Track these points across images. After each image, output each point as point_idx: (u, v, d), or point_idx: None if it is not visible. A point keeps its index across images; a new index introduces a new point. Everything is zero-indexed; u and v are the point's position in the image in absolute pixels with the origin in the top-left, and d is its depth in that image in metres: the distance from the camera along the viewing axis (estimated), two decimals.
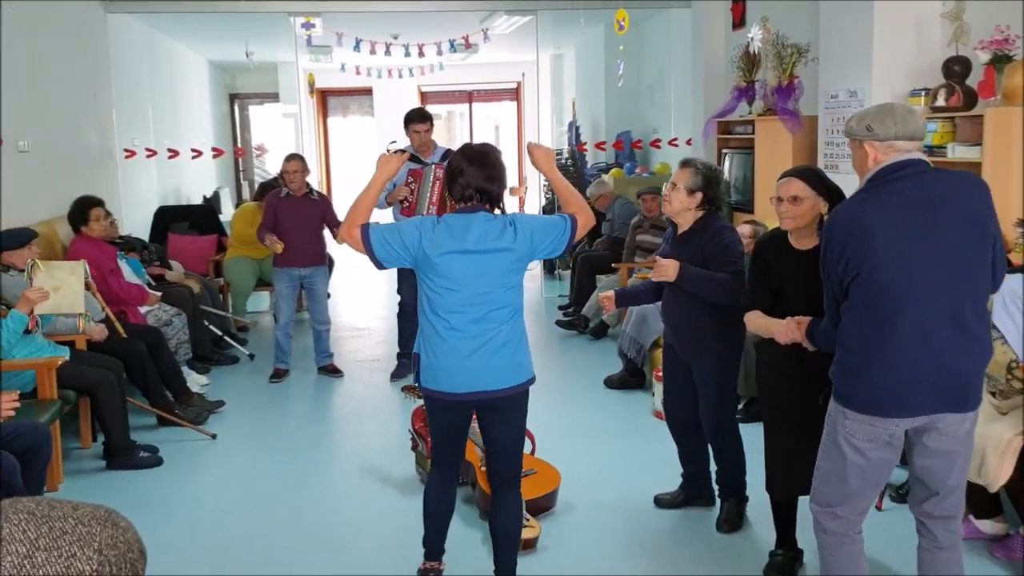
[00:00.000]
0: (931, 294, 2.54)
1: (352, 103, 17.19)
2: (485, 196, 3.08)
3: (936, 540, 2.82)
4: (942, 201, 2.58)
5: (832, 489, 2.76)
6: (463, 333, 3.04)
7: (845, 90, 5.79)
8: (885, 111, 2.68)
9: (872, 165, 2.66)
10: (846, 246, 2.59)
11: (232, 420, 5.50)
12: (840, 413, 2.69)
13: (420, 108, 6.16)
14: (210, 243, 8.29)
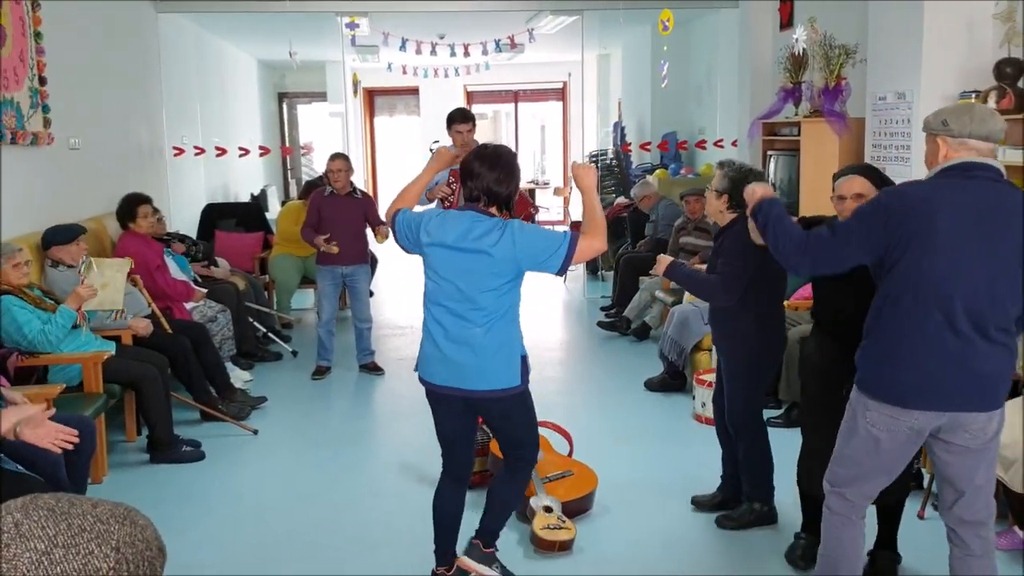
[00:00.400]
0: (964, 298, 2.55)
1: (399, 102, 17.29)
2: (492, 198, 3.09)
3: (968, 548, 2.79)
4: (1006, 213, 2.58)
5: (845, 471, 2.82)
6: (442, 326, 3.10)
7: (893, 92, 5.69)
8: (964, 108, 2.66)
9: (942, 160, 2.65)
10: (906, 220, 2.57)
11: (274, 416, 5.57)
12: (862, 402, 2.72)
13: (463, 108, 6.17)
14: (256, 240, 8.40)
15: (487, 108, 18.32)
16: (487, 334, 3.04)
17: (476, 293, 3.02)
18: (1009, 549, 3.65)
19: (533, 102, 17.83)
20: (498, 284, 3.02)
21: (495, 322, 3.05)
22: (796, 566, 3.57)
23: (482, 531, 3.46)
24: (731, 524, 3.94)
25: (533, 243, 2.99)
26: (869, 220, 2.65)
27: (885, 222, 2.61)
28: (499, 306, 3.05)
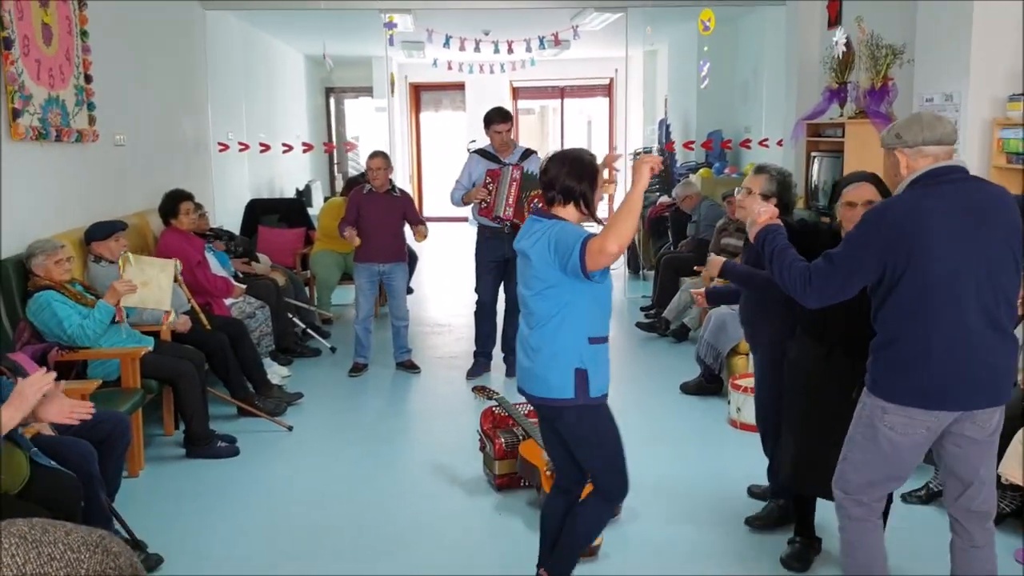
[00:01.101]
0: (972, 294, 2.64)
1: (444, 97, 17.33)
2: (569, 194, 3.00)
3: (972, 538, 2.87)
4: (985, 208, 2.70)
5: (859, 477, 2.86)
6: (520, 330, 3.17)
7: (941, 93, 5.56)
8: (913, 119, 2.78)
9: (905, 172, 2.75)
10: (901, 240, 2.64)
11: (309, 412, 5.62)
12: (878, 407, 2.75)
13: (500, 108, 6.17)
14: (298, 236, 8.48)
15: (534, 104, 18.29)
16: (539, 340, 3.00)
17: (528, 295, 3.04)
18: None
19: (580, 98, 17.75)
20: (544, 288, 2.96)
21: (541, 326, 2.99)
22: (792, 568, 3.61)
23: (551, 566, 3.26)
24: (759, 524, 3.97)
25: (563, 244, 2.88)
26: (863, 245, 2.70)
27: (880, 243, 2.66)
28: (545, 309, 2.97)
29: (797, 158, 7.42)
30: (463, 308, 8.56)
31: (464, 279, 9.61)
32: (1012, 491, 3.83)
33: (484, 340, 6.40)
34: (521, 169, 5.94)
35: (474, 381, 6.19)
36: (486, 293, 6.29)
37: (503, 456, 4.34)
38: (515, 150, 6.17)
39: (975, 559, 2.87)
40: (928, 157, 2.70)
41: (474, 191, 6.01)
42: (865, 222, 2.73)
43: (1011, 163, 5.01)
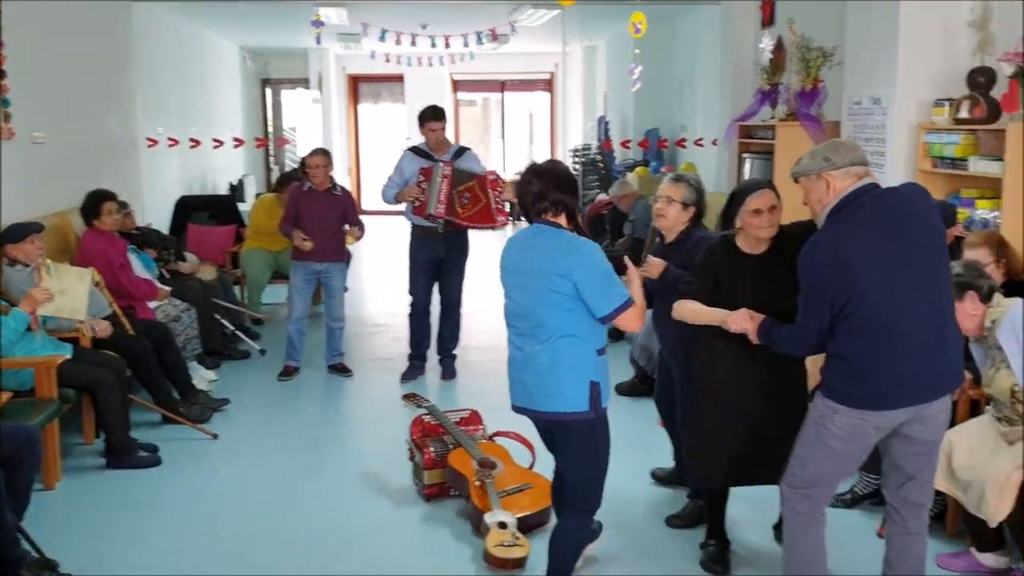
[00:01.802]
0: (913, 302, 2.81)
1: (383, 89, 17.15)
2: (562, 206, 3.06)
3: (907, 526, 3.05)
4: (903, 217, 2.86)
5: (808, 474, 2.99)
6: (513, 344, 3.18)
7: (869, 96, 5.62)
8: (835, 144, 2.98)
9: (832, 196, 2.88)
10: (832, 280, 2.81)
11: (236, 419, 5.50)
12: (830, 409, 2.90)
13: (434, 106, 6.08)
14: (228, 234, 8.31)
15: (476, 96, 18.19)
16: (554, 353, 3.01)
17: (537, 310, 3.02)
18: (965, 571, 3.62)
19: (521, 92, 17.70)
20: (560, 301, 2.98)
21: (559, 340, 3.00)
22: (713, 571, 3.64)
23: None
24: (681, 523, 4.04)
25: (595, 288, 2.98)
26: (809, 295, 2.88)
27: (819, 287, 2.84)
28: (565, 324, 2.99)
29: (730, 159, 7.47)
30: (400, 307, 8.45)
31: (402, 276, 9.50)
32: (935, 495, 3.88)
33: (419, 343, 6.32)
34: (452, 165, 5.86)
35: (409, 385, 6.13)
36: (420, 294, 6.21)
37: (432, 466, 4.28)
38: (450, 148, 6.09)
39: (908, 545, 3.06)
40: (853, 176, 2.87)
41: (407, 190, 5.92)
42: (801, 273, 2.90)
43: (936, 167, 5.08)
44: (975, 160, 4.75)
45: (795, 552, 3.08)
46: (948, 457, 3.54)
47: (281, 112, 16.36)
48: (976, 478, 3.39)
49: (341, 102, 16.18)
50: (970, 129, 4.83)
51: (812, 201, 2.96)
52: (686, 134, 9.63)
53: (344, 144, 16.24)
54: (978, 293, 3.47)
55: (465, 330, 6.64)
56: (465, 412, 4.66)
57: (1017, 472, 3.30)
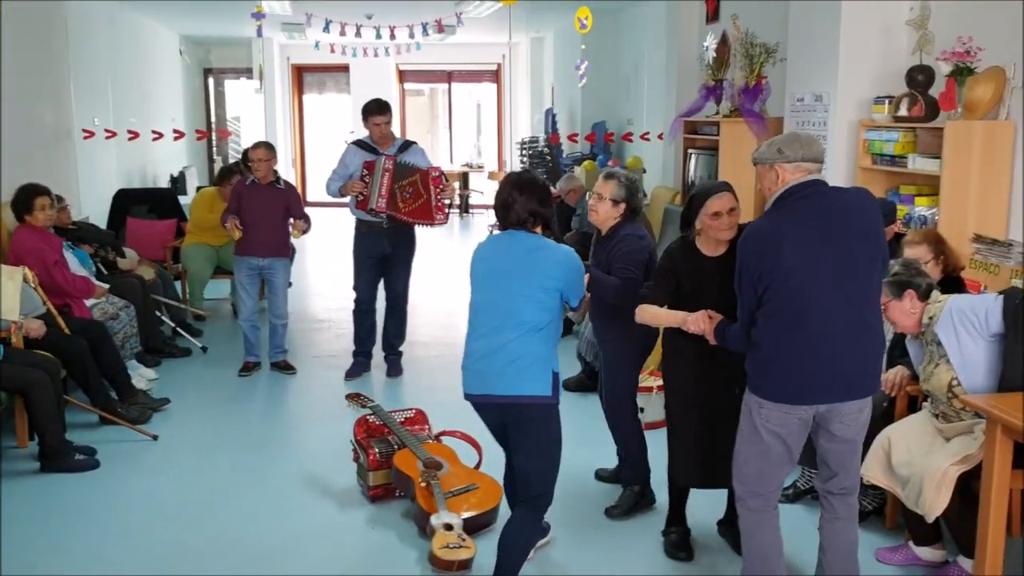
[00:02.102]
0: (835, 296, 2.90)
1: (328, 79, 16.95)
2: (540, 218, 3.28)
3: (836, 512, 3.20)
4: (842, 216, 2.95)
5: (750, 468, 3.11)
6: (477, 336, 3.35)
7: (811, 93, 5.67)
8: (792, 137, 3.05)
9: (780, 186, 2.99)
10: (761, 259, 2.92)
11: (177, 419, 5.39)
12: (756, 403, 3.03)
13: (379, 100, 6.01)
14: (168, 228, 8.13)
15: (423, 86, 18.06)
16: (526, 345, 3.19)
17: (520, 304, 3.20)
18: (904, 564, 3.68)
19: (468, 83, 17.63)
20: (542, 297, 3.21)
21: (535, 333, 3.19)
22: (679, 558, 3.75)
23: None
24: (617, 512, 4.12)
25: (575, 284, 3.30)
26: (746, 277, 2.98)
27: (749, 269, 2.95)
28: (543, 318, 3.20)
29: (676, 154, 7.51)
30: (345, 302, 8.36)
31: (347, 271, 9.40)
32: (874, 490, 3.95)
33: (363, 340, 6.25)
34: (394, 159, 5.80)
35: (353, 382, 6.06)
36: (365, 291, 6.14)
37: (377, 467, 4.23)
38: (395, 142, 6.02)
39: (839, 530, 3.21)
40: (802, 171, 2.98)
41: (350, 184, 5.84)
42: (738, 258, 3.01)
43: (876, 164, 5.15)
44: (914, 157, 4.83)
45: (753, 547, 3.17)
46: (887, 453, 3.59)
47: (224, 102, 16.09)
48: (914, 474, 3.44)
49: (285, 92, 15.96)
50: (909, 127, 4.90)
51: (763, 188, 3.08)
52: (632, 128, 9.65)
53: (288, 135, 16.02)
54: (916, 291, 3.53)
55: (411, 326, 6.58)
56: (410, 412, 4.62)
57: (953, 468, 3.35)
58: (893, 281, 3.50)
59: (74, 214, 6.92)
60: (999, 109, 4.55)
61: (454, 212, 15.27)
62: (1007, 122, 4.54)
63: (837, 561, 3.22)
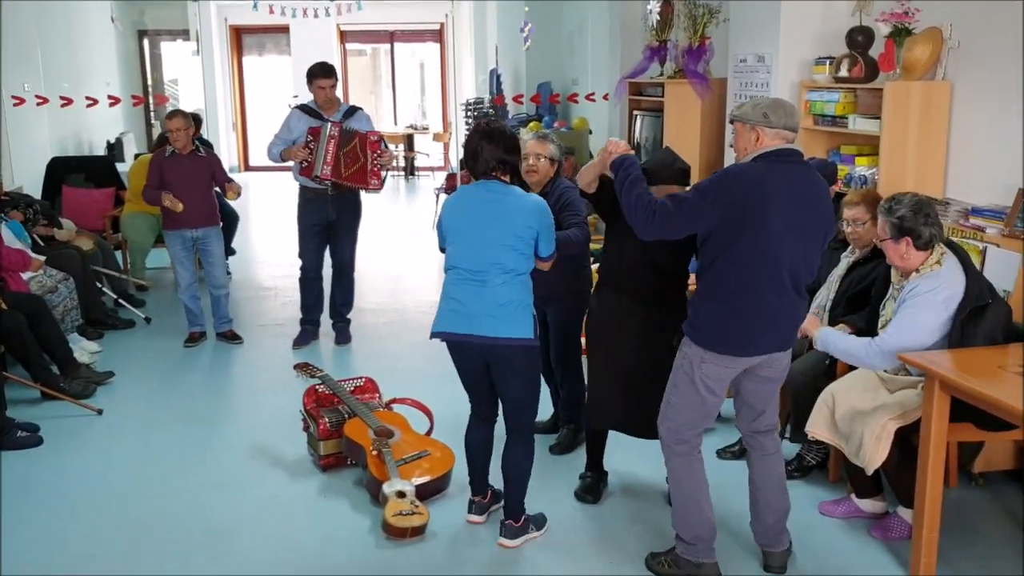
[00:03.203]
0: (791, 259, 3.05)
1: (268, 41, 16.59)
2: (508, 166, 3.43)
3: (764, 448, 3.39)
4: (810, 193, 3.10)
5: (680, 417, 3.26)
6: (458, 282, 3.51)
7: (754, 54, 5.71)
8: (777, 104, 3.13)
9: (758, 147, 3.08)
10: (750, 195, 2.97)
11: (122, 392, 5.31)
12: (698, 355, 3.15)
13: (323, 63, 5.90)
14: (107, 197, 7.94)
15: (365, 46, 17.77)
16: (511, 291, 3.40)
17: (502, 255, 3.37)
18: (846, 516, 3.79)
19: (411, 43, 17.39)
20: (522, 247, 3.40)
21: (516, 279, 3.40)
22: (585, 501, 3.95)
23: (508, 510, 3.63)
24: (559, 449, 4.43)
25: (549, 230, 3.51)
26: (712, 197, 3.01)
27: (726, 200, 2.99)
28: (523, 266, 3.42)
29: (621, 116, 7.51)
30: (290, 269, 8.27)
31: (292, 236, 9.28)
32: (817, 445, 4.05)
33: (310, 308, 6.20)
34: (340, 126, 5.71)
35: (301, 351, 6.02)
36: (311, 259, 6.07)
37: (328, 436, 4.22)
38: (340, 107, 5.93)
39: (769, 464, 3.39)
40: (780, 138, 3.08)
41: (294, 150, 5.74)
42: (719, 177, 3.06)
43: (818, 125, 5.21)
44: (854, 118, 4.90)
45: (680, 488, 3.32)
46: (830, 409, 3.67)
47: (161, 66, 15.67)
48: (856, 428, 3.53)
49: (224, 55, 15.60)
50: (849, 87, 4.96)
51: (739, 146, 3.18)
52: (578, 89, 9.62)
53: (228, 98, 15.69)
54: (914, 240, 3.44)
55: (359, 293, 6.54)
56: (360, 380, 4.61)
57: (892, 422, 3.44)
58: (896, 223, 3.44)
59: (6, 184, 6.72)
60: (936, 69, 4.62)
61: (399, 175, 15.15)
62: (944, 82, 4.62)
63: (772, 494, 3.39)
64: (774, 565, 3.42)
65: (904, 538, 3.52)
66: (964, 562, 3.44)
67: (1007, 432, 3.38)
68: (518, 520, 3.61)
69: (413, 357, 5.94)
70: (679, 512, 3.33)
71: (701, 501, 3.31)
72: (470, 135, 3.49)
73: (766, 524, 3.41)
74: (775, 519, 3.40)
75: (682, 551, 3.34)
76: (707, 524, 3.30)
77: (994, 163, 4.42)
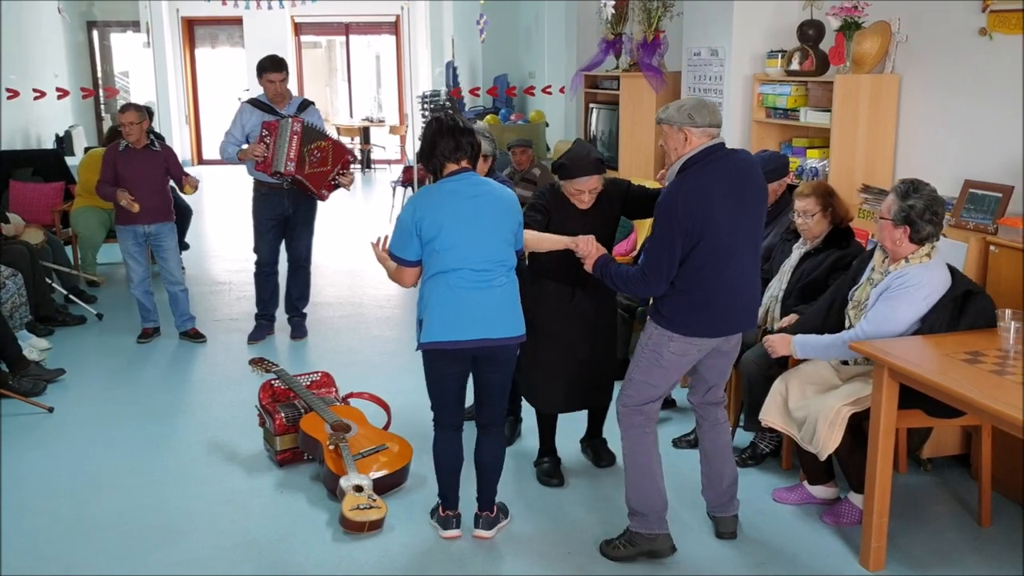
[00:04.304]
0: (744, 244, 3.26)
1: (221, 33, 16.39)
2: (468, 148, 3.33)
3: (716, 419, 3.59)
4: (743, 176, 3.27)
5: (641, 394, 3.42)
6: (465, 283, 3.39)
7: (707, 48, 5.76)
8: (700, 104, 3.28)
9: (688, 148, 3.23)
10: (694, 219, 3.15)
11: (73, 390, 5.23)
12: (665, 337, 3.31)
13: (274, 56, 5.84)
14: (56, 191, 7.79)
15: (320, 39, 17.62)
16: (510, 286, 3.39)
17: (502, 250, 3.34)
18: (799, 503, 3.85)
19: (367, 35, 17.27)
20: (512, 240, 3.38)
21: (509, 273, 3.38)
22: (552, 484, 4.03)
23: (483, 501, 3.64)
24: None
25: None
26: (670, 233, 3.19)
27: (680, 228, 3.16)
28: (512, 258, 3.38)
29: (578, 109, 7.54)
30: (245, 263, 8.20)
31: (246, 229, 9.19)
32: (771, 433, 4.11)
33: (266, 303, 6.14)
34: (302, 122, 5.66)
35: (256, 346, 5.97)
36: (266, 253, 6.01)
37: (284, 431, 4.19)
38: (292, 101, 5.87)
39: (719, 433, 3.59)
40: (707, 136, 3.24)
41: (251, 147, 5.67)
42: (662, 214, 3.22)
43: (770, 118, 5.27)
44: (805, 111, 4.96)
45: (635, 460, 3.46)
46: (783, 398, 3.73)
47: (111, 58, 15.40)
48: (809, 415, 3.58)
49: (176, 47, 15.37)
50: (801, 81, 5.02)
51: (669, 147, 3.31)
52: (534, 81, 9.64)
53: (181, 92, 15.48)
54: (912, 233, 3.44)
55: (315, 287, 6.50)
56: (316, 374, 4.58)
57: (845, 408, 3.50)
58: (904, 210, 3.41)
59: None
60: (885, 63, 4.71)
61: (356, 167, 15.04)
62: (892, 75, 4.70)
63: (720, 459, 3.59)
64: (725, 531, 3.60)
65: (855, 523, 3.59)
66: (913, 546, 3.52)
67: (956, 419, 3.45)
68: (493, 511, 3.65)
69: (370, 351, 5.93)
70: (633, 483, 3.45)
71: (655, 472, 3.45)
72: (423, 134, 3.41)
73: (719, 490, 3.59)
74: (727, 484, 3.59)
75: (636, 526, 3.45)
76: (659, 495, 3.44)
77: (941, 154, 4.52)
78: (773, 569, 3.40)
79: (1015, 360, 3.12)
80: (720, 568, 3.41)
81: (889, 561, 3.38)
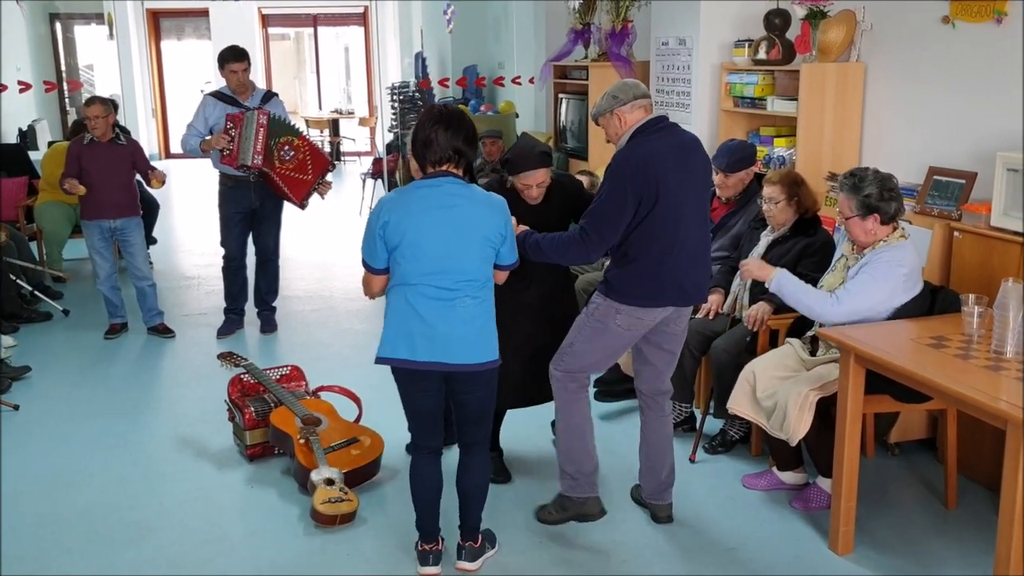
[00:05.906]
0: (693, 216, 3.29)
1: (187, 25, 16.20)
2: (462, 157, 3.02)
3: (662, 410, 3.61)
4: (690, 150, 3.33)
5: (580, 362, 3.46)
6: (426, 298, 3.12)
7: (675, 37, 5.77)
8: (620, 83, 3.34)
9: (625, 128, 3.27)
10: (647, 184, 3.16)
11: (39, 387, 5.16)
12: (612, 308, 3.32)
13: (234, 47, 5.77)
14: (19, 186, 7.67)
15: (288, 30, 17.48)
16: (478, 306, 3.08)
17: (475, 265, 3.04)
18: (768, 489, 3.88)
19: (335, 26, 17.16)
20: (488, 255, 3.08)
21: (482, 290, 3.08)
22: (499, 481, 3.92)
23: (466, 529, 3.35)
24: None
25: (512, 238, 3.21)
26: (622, 192, 3.18)
27: (634, 186, 3.17)
28: (487, 275, 3.10)
29: (547, 99, 7.53)
30: (213, 258, 8.11)
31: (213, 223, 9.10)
32: (740, 420, 4.14)
33: (235, 297, 6.09)
34: (268, 114, 5.61)
35: (226, 340, 5.92)
36: (234, 247, 5.96)
37: (254, 426, 4.16)
38: (255, 92, 5.82)
39: (663, 425, 3.62)
40: (639, 110, 3.27)
41: (215, 138, 5.61)
42: (615, 175, 3.20)
43: (738, 106, 5.30)
44: (773, 100, 5.00)
45: (567, 422, 3.53)
46: (752, 386, 3.75)
47: (75, 50, 15.20)
48: (778, 402, 3.61)
49: (141, 39, 15.18)
50: (768, 70, 5.05)
51: (611, 136, 3.35)
52: (504, 72, 9.61)
53: (147, 85, 15.30)
54: (881, 216, 3.50)
55: (284, 281, 6.45)
56: (286, 368, 4.55)
57: (814, 393, 3.52)
58: (864, 201, 3.47)
59: None
60: (850, 51, 4.74)
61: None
62: (858, 64, 4.74)
63: (661, 450, 3.61)
64: (663, 516, 3.65)
65: (824, 508, 3.62)
66: (881, 530, 3.56)
67: (922, 403, 3.49)
68: (478, 541, 3.35)
69: (340, 344, 5.90)
70: (564, 446, 3.53)
71: (586, 434, 3.52)
72: (422, 119, 3.03)
73: (659, 479, 3.63)
74: (665, 474, 3.63)
75: (567, 488, 3.54)
76: (589, 457, 3.52)
77: (906, 142, 4.56)
78: (743, 554, 3.43)
79: (979, 344, 3.17)
80: (691, 554, 3.44)
81: (857, 544, 3.42)
